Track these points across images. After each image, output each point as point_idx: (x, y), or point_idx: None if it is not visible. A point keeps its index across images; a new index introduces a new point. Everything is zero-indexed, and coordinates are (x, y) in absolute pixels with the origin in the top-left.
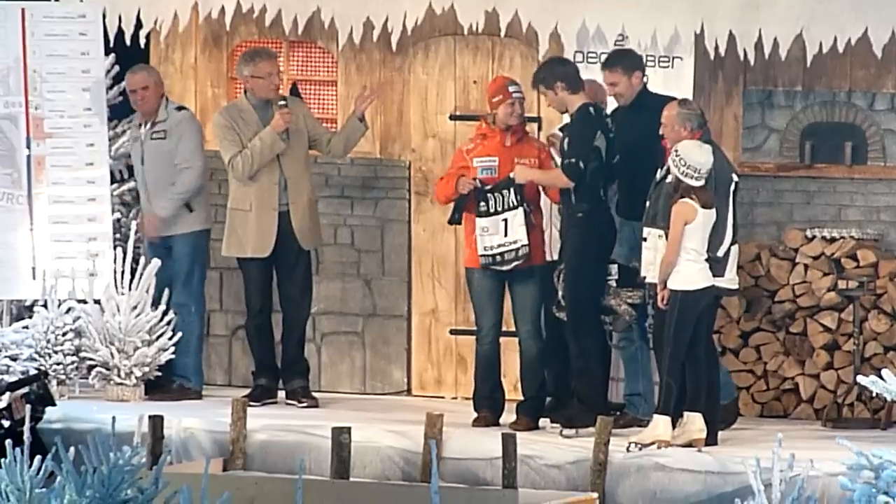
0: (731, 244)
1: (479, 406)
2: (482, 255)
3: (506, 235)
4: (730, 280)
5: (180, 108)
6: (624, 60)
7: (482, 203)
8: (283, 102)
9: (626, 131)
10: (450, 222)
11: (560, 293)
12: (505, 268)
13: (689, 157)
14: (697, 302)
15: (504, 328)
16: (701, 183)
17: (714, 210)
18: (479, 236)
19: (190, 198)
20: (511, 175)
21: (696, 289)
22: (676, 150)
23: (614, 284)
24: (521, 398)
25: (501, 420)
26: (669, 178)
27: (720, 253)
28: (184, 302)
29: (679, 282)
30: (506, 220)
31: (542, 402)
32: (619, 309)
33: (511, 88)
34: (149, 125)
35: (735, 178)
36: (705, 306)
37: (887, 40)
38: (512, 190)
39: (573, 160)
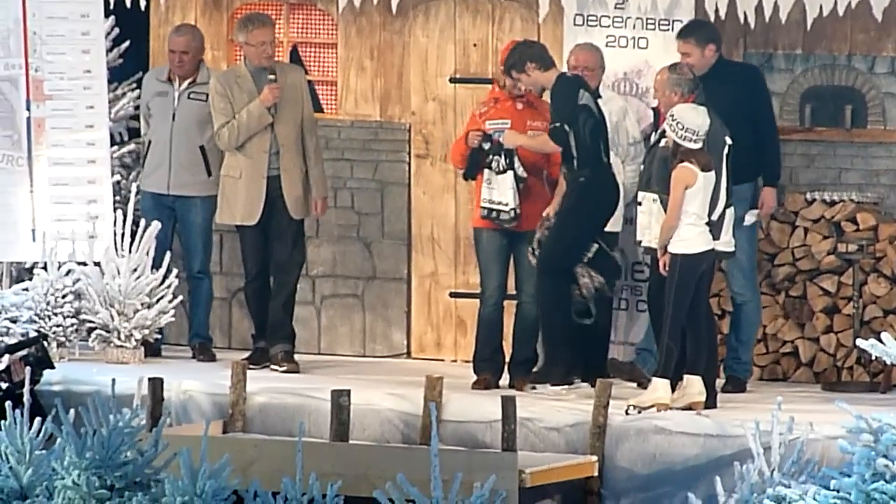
0: (726, 207)
1: (480, 368)
2: (481, 206)
3: (500, 195)
4: (726, 243)
5: None
6: (697, 32)
7: (490, 157)
8: (272, 76)
9: (706, 101)
10: (465, 178)
11: (536, 237)
12: (503, 227)
13: (686, 120)
14: (698, 265)
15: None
16: (699, 145)
17: (713, 172)
18: (484, 187)
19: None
20: (500, 139)
21: (697, 252)
22: (672, 114)
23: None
24: (513, 359)
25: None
26: (663, 143)
27: (714, 216)
28: (203, 266)
29: (680, 246)
30: (499, 182)
31: (533, 364)
32: (581, 281)
33: None
34: (186, 83)
35: (728, 140)
36: (706, 269)
37: (888, 3)
38: (503, 154)
39: (558, 124)
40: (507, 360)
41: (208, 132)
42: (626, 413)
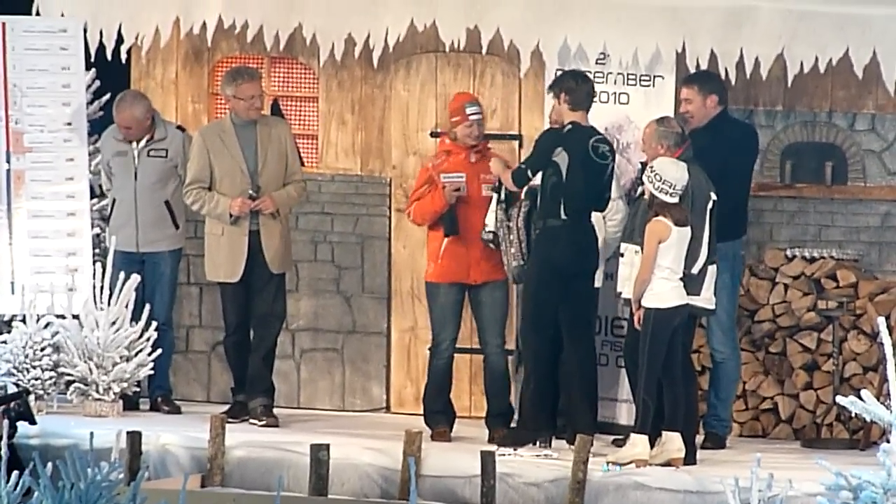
0: (708, 263)
1: (435, 421)
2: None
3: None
4: (706, 300)
5: (180, 128)
6: (702, 81)
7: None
8: (251, 193)
9: (701, 152)
10: (447, 234)
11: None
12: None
13: (664, 173)
14: (671, 319)
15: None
16: (675, 200)
17: (689, 228)
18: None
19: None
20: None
21: (670, 306)
22: (652, 167)
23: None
24: (489, 413)
25: (470, 437)
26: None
27: (695, 270)
28: (167, 318)
29: (653, 300)
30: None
31: (510, 416)
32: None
33: (469, 110)
34: (144, 141)
35: (713, 196)
36: (679, 324)
37: (868, 61)
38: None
39: (523, 166)
40: (485, 413)
41: (172, 186)
42: (607, 469)
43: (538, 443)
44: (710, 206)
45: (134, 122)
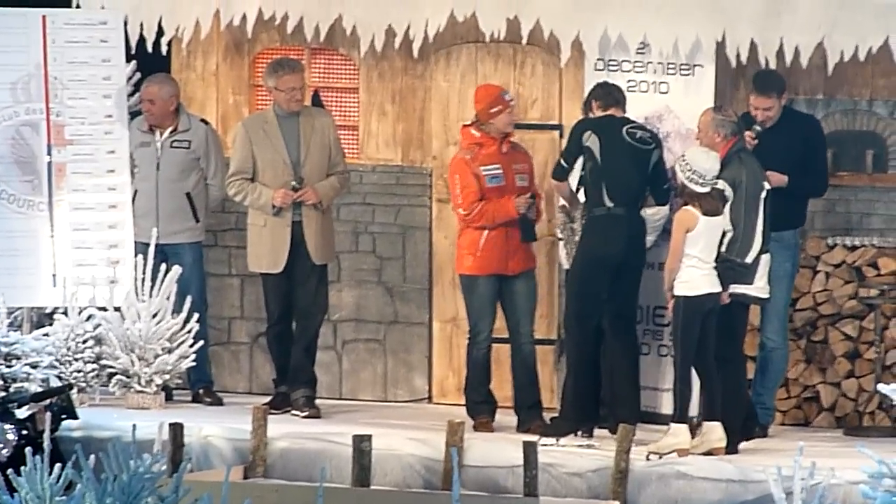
0: (761, 252)
1: (477, 411)
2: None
3: None
4: (760, 288)
5: (204, 121)
6: (778, 87)
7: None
8: (294, 184)
9: (773, 150)
10: (524, 240)
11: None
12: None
13: (695, 163)
14: (701, 307)
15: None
16: (706, 189)
17: (720, 217)
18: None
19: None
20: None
21: (700, 294)
22: (683, 156)
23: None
24: (520, 405)
25: (513, 427)
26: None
27: (748, 259)
28: (199, 309)
29: (682, 288)
30: None
31: (541, 408)
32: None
33: (507, 97)
34: (167, 132)
35: (767, 186)
36: (712, 312)
37: None
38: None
39: (559, 160)
40: (513, 404)
41: (193, 178)
42: (647, 458)
43: (580, 433)
44: (763, 195)
45: (158, 99)
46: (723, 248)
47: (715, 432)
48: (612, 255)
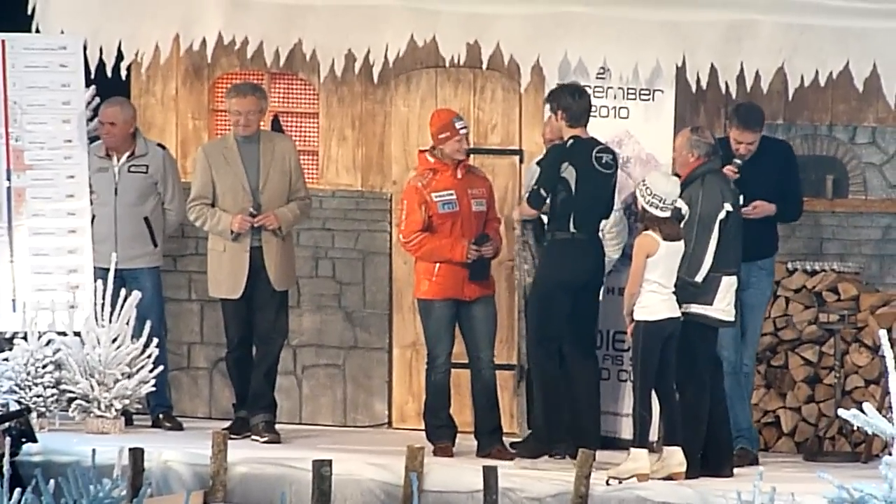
0: (721, 273)
1: (436, 436)
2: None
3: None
4: (723, 311)
5: (160, 146)
6: (761, 119)
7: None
8: (252, 210)
9: (750, 178)
10: (473, 279)
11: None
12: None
13: (656, 187)
14: (661, 332)
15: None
16: (666, 214)
17: (681, 242)
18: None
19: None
20: (514, 215)
21: (659, 319)
22: (644, 180)
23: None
24: (482, 430)
25: (472, 452)
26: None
27: (698, 278)
28: (158, 334)
29: (642, 313)
30: None
31: (501, 430)
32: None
33: (457, 125)
34: (125, 157)
35: (728, 207)
36: (671, 337)
37: (868, 73)
38: None
39: (535, 187)
40: (474, 429)
41: (151, 203)
42: (607, 483)
43: (554, 455)
44: (721, 216)
45: (119, 122)
46: None
47: (675, 457)
48: (574, 279)
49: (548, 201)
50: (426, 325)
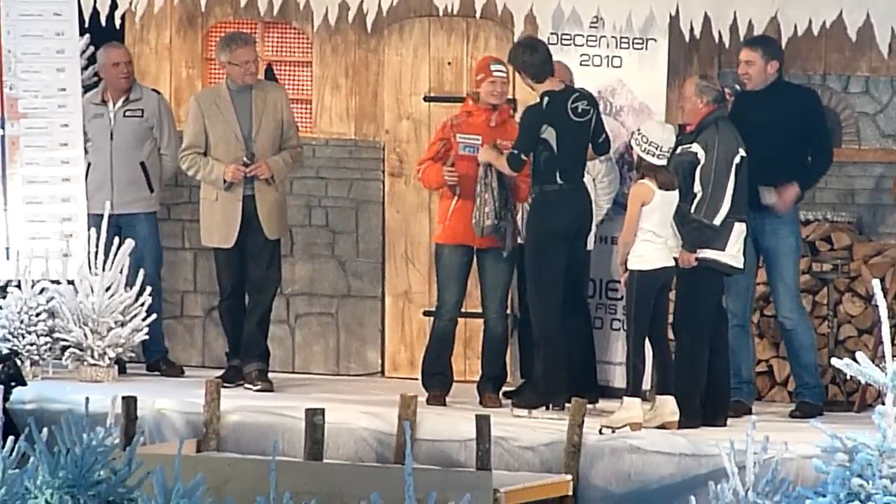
0: (735, 219)
1: (431, 383)
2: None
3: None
4: (733, 256)
5: (155, 91)
6: (766, 45)
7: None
8: (245, 159)
9: (753, 117)
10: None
11: None
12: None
13: (651, 135)
14: (655, 281)
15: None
16: (662, 162)
17: (676, 191)
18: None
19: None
20: (479, 157)
21: (654, 268)
22: (639, 129)
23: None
24: (482, 376)
25: (465, 401)
26: (679, 150)
27: (716, 221)
28: (154, 281)
29: (637, 262)
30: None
31: (502, 381)
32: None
33: (493, 67)
34: (120, 102)
35: (742, 152)
36: (665, 286)
37: (861, 23)
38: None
39: (515, 151)
40: (479, 376)
41: (147, 148)
42: (600, 432)
43: (552, 406)
44: (736, 161)
45: (127, 59)
46: (691, 209)
47: (668, 406)
48: (567, 228)
49: (532, 159)
50: (437, 269)
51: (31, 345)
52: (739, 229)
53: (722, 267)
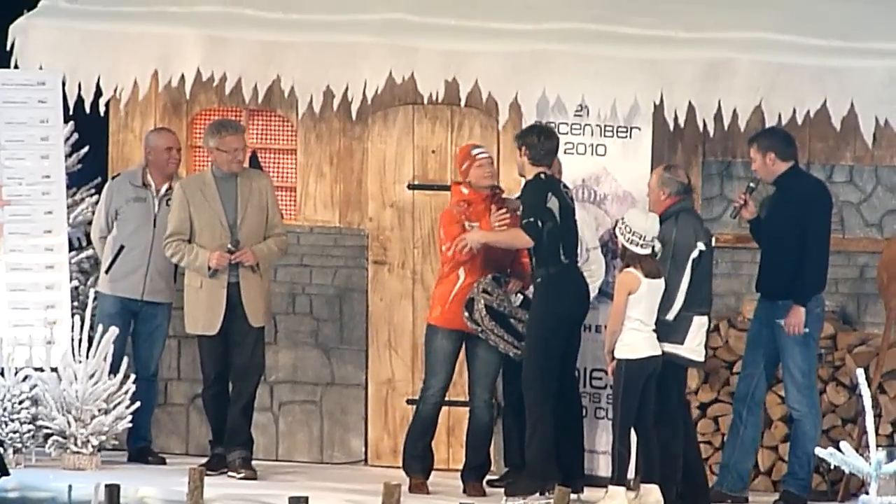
0: (693, 313)
1: (412, 466)
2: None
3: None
4: (693, 350)
5: None
6: (759, 139)
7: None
8: (230, 246)
9: (768, 209)
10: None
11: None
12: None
13: (635, 224)
14: (643, 370)
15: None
16: (646, 251)
17: (661, 280)
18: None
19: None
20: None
21: (641, 357)
22: (623, 218)
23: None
24: (466, 464)
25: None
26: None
27: (669, 317)
28: (156, 369)
29: (624, 351)
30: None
31: (486, 470)
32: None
33: (475, 152)
34: (164, 188)
35: (700, 246)
36: (652, 375)
37: (846, 112)
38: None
39: (531, 219)
40: (462, 465)
41: None
42: None
43: (545, 492)
44: (693, 255)
45: (174, 146)
46: None
47: (652, 495)
48: (572, 310)
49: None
50: (427, 351)
51: (14, 432)
52: (699, 322)
53: (681, 361)
